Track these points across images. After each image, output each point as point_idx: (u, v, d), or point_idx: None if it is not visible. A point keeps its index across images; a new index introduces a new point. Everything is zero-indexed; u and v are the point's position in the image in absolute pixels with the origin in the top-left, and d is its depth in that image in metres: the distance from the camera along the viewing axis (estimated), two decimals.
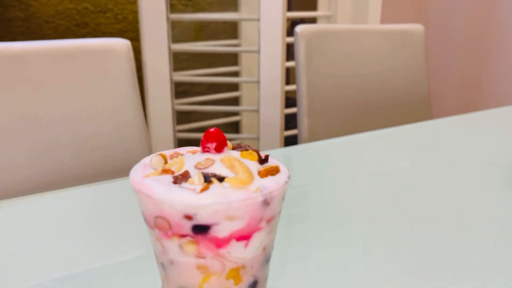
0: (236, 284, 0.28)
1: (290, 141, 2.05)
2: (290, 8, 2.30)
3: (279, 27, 1.79)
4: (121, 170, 0.89)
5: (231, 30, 2.28)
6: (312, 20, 2.12)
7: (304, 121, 1.22)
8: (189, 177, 0.27)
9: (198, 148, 0.31)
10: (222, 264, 0.27)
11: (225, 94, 2.12)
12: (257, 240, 0.27)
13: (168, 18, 1.73)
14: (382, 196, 0.70)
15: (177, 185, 0.26)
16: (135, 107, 0.90)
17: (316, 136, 1.21)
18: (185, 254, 0.27)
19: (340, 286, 0.43)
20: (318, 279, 0.44)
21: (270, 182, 0.27)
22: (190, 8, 2.35)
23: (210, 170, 0.27)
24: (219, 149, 0.28)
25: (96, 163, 0.88)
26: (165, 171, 0.27)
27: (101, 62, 0.88)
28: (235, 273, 0.28)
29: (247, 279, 0.28)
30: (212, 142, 0.28)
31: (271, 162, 0.29)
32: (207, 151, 0.28)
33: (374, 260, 0.49)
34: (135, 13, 2.36)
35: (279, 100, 1.82)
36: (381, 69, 1.33)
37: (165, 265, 0.28)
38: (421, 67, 1.39)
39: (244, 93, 2.18)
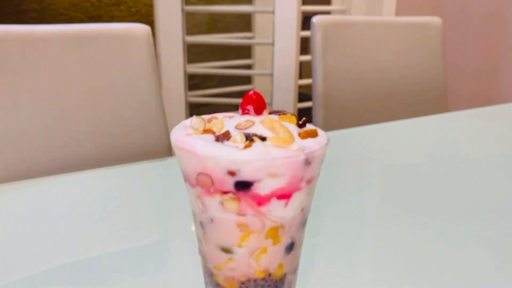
0: (274, 244, 0.28)
1: None
2: (303, 2, 2.29)
3: (294, 19, 1.79)
4: (140, 153, 0.90)
5: (244, 24, 2.28)
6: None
7: (319, 113, 1.22)
8: (231, 136, 0.27)
9: (235, 114, 0.31)
10: (262, 222, 0.27)
11: (238, 87, 2.12)
12: (296, 200, 0.28)
13: (183, 10, 1.74)
14: (395, 189, 0.69)
15: (219, 143, 0.26)
16: (153, 92, 0.91)
17: (331, 127, 1.21)
18: (226, 212, 0.27)
19: (350, 277, 0.43)
20: (327, 269, 0.44)
21: (311, 143, 0.27)
22: (203, 1, 2.35)
23: (251, 131, 0.27)
24: (258, 112, 0.29)
25: (114, 145, 0.88)
26: (206, 131, 0.28)
27: (122, 46, 0.89)
28: (273, 233, 0.28)
29: (285, 240, 0.29)
30: (251, 104, 0.29)
31: (309, 126, 0.30)
32: (247, 113, 0.29)
33: (383, 254, 0.49)
34: (148, 6, 2.37)
35: (292, 94, 1.82)
36: (398, 61, 1.33)
37: (204, 224, 0.29)
38: (438, 60, 1.38)
39: (256, 86, 2.18)
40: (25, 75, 0.81)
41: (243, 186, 0.26)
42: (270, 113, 0.30)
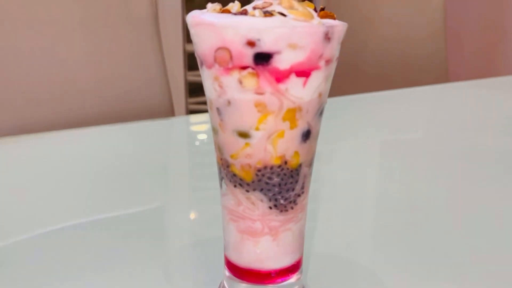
0: (291, 128, 0.28)
1: None
2: None
3: None
4: (141, 113, 0.89)
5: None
6: None
7: None
8: (248, 12, 0.26)
9: None
10: (280, 102, 0.27)
11: None
12: (314, 80, 0.27)
13: None
14: (393, 157, 0.68)
15: (238, 15, 0.26)
16: (155, 51, 0.90)
17: (332, 95, 1.21)
18: (244, 90, 0.27)
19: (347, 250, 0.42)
20: (321, 245, 0.43)
21: (331, 21, 0.27)
22: None
23: (269, 9, 0.27)
24: None
25: (115, 104, 0.88)
26: (224, 11, 0.27)
27: (124, 5, 0.88)
28: (291, 115, 0.28)
29: (301, 125, 0.28)
30: None
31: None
32: None
33: (380, 231, 0.47)
34: None
35: None
36: (400, 31, 1.32)
37: (221, 109, 0.28)
38: (439, 32, 1.38)
39: None
40: (27, 29, 0.80)
41: (262, 58, 0.26)
42: None
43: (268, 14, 0.26)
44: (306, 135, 0.29)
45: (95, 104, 0.86)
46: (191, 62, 2.05)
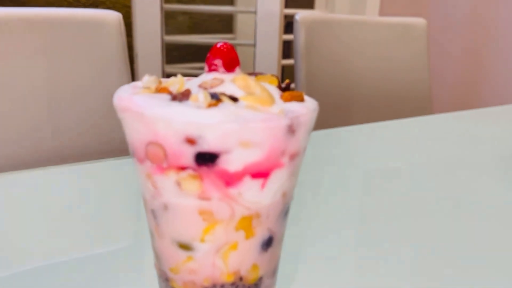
0: (247, 238, 0.22)
1: None
2: (286, 5, 2.26)
3: (276, 19, 1.75)
4: (106, 150, 0.83)
5: (225, 28, 2.24)
6: None
7: None
8: (191, 95, 0.20)
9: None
10: (231, 209, 0.21)
11: None
12: (276, 181, 0.21)
13: (162, 9, 1.68)
14: (378, 190, 0.66)
15: (176, 102, 0.20)
16: (124, 84, 0.84)
17: (314, 127, 1.16)
18: (184, 195, 0.20)
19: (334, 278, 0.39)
20: (311, 272, 0.39)
21: (296, 107, 0.21)
22: (185, 2, 2.31)
23: (218, 90, 0.21)
24: (229, 68, 0.22)
25: (80, 137, 0.81)
26: (161, 90, 0.21)
27: (91, 33, 0.82)
28: (246, 223, 0.21)
29: (261, 233, 0.22)
30: (220, 58, 0.22)
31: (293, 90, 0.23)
32: (214, 70, 0.22)
33: (366, 259, 0.45)
34: (127, 7, 2.31)
35: None
36: (382, 61, 1.29)
37: (156, 213, 0.22)
38: (422, 61, 1.35)
39: None
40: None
41: (206, 159, 0.19)
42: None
43: (214, 101, 0.20)
44: (267, 243, 0.23)
45: (55, 138, 0.80)
46: None
